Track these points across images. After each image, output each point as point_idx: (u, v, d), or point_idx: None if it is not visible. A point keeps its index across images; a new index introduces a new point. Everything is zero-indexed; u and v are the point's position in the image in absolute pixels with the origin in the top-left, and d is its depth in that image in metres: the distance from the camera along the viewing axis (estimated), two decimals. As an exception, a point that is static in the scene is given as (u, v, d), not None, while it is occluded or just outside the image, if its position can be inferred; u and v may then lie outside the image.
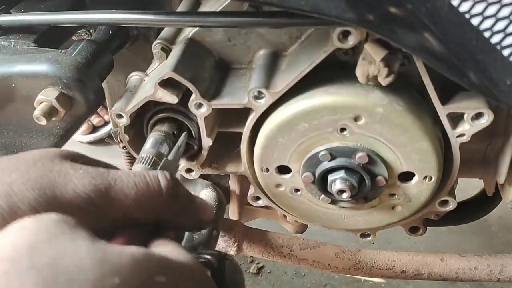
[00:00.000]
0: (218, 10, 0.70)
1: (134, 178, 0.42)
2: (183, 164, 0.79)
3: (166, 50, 0.75)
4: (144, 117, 0.75)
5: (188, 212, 0.47)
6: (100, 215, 0.40)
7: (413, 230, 0.84)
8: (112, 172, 0.42)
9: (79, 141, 2.36)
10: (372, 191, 0.71)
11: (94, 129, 2.35)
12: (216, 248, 0.82)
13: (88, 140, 2.34)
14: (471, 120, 0.64)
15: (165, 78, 0.68)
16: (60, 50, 0.78)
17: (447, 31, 0.52)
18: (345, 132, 0.67)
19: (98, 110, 2.08)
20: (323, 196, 0.73)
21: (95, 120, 2.31)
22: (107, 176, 0.41)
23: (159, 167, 0.57)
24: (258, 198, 0.82)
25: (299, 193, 0.77)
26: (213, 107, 0.69)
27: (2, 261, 0.31)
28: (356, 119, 0.65)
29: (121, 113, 0.72)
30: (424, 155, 0.67)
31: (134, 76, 0.77)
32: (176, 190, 0.44)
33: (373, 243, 1.59)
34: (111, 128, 2.08)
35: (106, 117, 2.30)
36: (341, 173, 0.69)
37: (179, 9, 0.82)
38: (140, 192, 0.42)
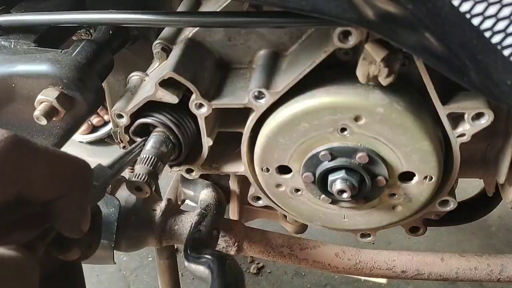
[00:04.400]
0: (218, 10, 0.70)
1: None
2: (183, 164, 0.79)
3: (167, 50, 0.75)
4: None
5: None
6: None
7: (413, 230, 0.84)
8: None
9: (79, 141, 2.36)
10: (372, 191, 0.71)
11: (94, 128, 2.35)
12: (216, 248, 0.82)
13: (87, 140, 2.34)
14: (471, 120, 0.64)
15: (166, 78, 0.68)
16: (60, 50, 0.78)
17: (448, 31, 0.52)
18: (345, 132, 0.67)
19: (98, 110, 2.08)
20: (323, 196, 0.73)
21: (94, 120, 2.31)
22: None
23: None
24: (258, 198, 0.82)
25: (299, 193, 0.76)
26: (213, 107, 0.69)
27: None
28: (356, 119, 0.65)
29: (121, 113, 0.72)
30: (425, 155, 0.67)
31: (135, 76, 0.77)
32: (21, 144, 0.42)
33: (373, 243, 1.59)
34: (111, 128, 2.08)
35: (106, 117, 2.30)
36: (342, 173, 0.69)
37: (179, 9, 0.82)
38: None
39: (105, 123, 2.34)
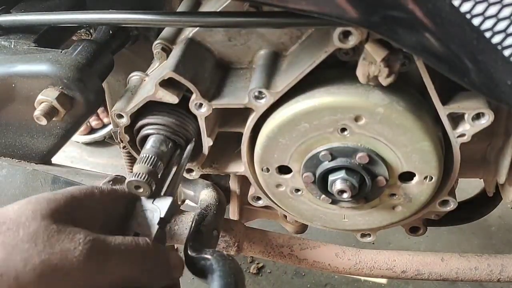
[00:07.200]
0: (218, 10, 0.70)
1: (125, 243, 0.50)
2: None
3: (167, 50, 0.75)
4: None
5: (161, 267, 0.54)
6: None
7: (413, 230, 0.84)
8: (108, 240, 0.48)
9: (75, 141, 2.36)
10: (372, 191, 0.71)
11: (92, 130, 2.34)
12: (216, 248, 0.82)
13: (84, 140, 2.33)
14: (471, 120, 0.64)
15: (166, 78, 0.68)
16: (60, 50, 0.78)
17: (448, 31, 0.53)
18: (345, 132, 0.67)
19: (97, 112, 2.08)
20: (323, 196, 0.73)
21: (93, 122, 2.30)
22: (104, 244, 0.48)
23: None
24: (258, 198, 0.82)
25: (299, 193, 0.76)
26: (213, 107, 0.69)
27: None
28: (356, 119, 0.65)
29: (121, 113, 0.72)
30: (425, 155, 0.67)
31: (135, 76, 0.77)
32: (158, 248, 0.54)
33: (373, 243, 1.59)
34: (111, 129, 2.08)
35: (106, 120, 2.30)
36: (342, 173, 0.69)
37: (179, 9, 0.82)
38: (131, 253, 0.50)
39: (104, 125, 2.34)
